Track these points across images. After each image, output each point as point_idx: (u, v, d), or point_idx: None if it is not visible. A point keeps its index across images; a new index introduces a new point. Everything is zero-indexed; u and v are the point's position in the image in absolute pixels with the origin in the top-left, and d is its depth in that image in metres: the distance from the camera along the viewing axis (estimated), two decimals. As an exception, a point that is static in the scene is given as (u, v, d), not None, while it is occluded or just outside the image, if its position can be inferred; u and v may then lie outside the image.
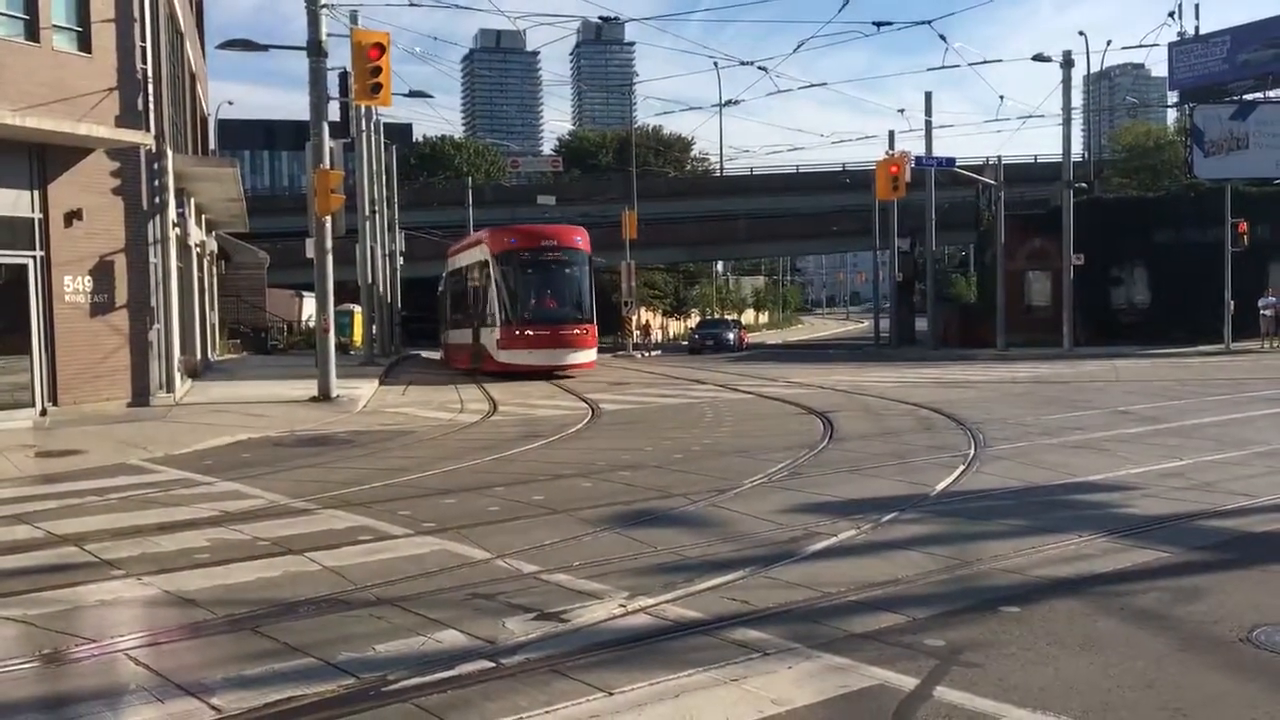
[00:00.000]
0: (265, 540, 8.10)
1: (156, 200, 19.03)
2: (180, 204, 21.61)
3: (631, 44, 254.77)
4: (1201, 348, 35.29)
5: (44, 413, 17.10)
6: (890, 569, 6.87)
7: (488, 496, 9.89)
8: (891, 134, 49.99)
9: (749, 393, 21.55)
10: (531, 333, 27.36)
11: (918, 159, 38.42)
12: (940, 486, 9.93)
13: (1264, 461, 11.03)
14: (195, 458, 13.28)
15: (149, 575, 7.05)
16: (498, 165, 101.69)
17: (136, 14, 18.19)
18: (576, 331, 28.07)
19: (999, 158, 44.75)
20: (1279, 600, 6.07)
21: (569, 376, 27.19)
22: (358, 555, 7.54)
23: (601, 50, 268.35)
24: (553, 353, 27.58)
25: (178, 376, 20.19)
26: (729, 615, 5.90)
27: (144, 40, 18.35)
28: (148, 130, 18.30)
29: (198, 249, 27.06)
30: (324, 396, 20.11)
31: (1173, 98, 58.42)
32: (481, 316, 29.00)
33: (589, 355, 28.70)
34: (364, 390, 22.31)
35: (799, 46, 43.53)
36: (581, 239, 29.07)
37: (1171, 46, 52.12)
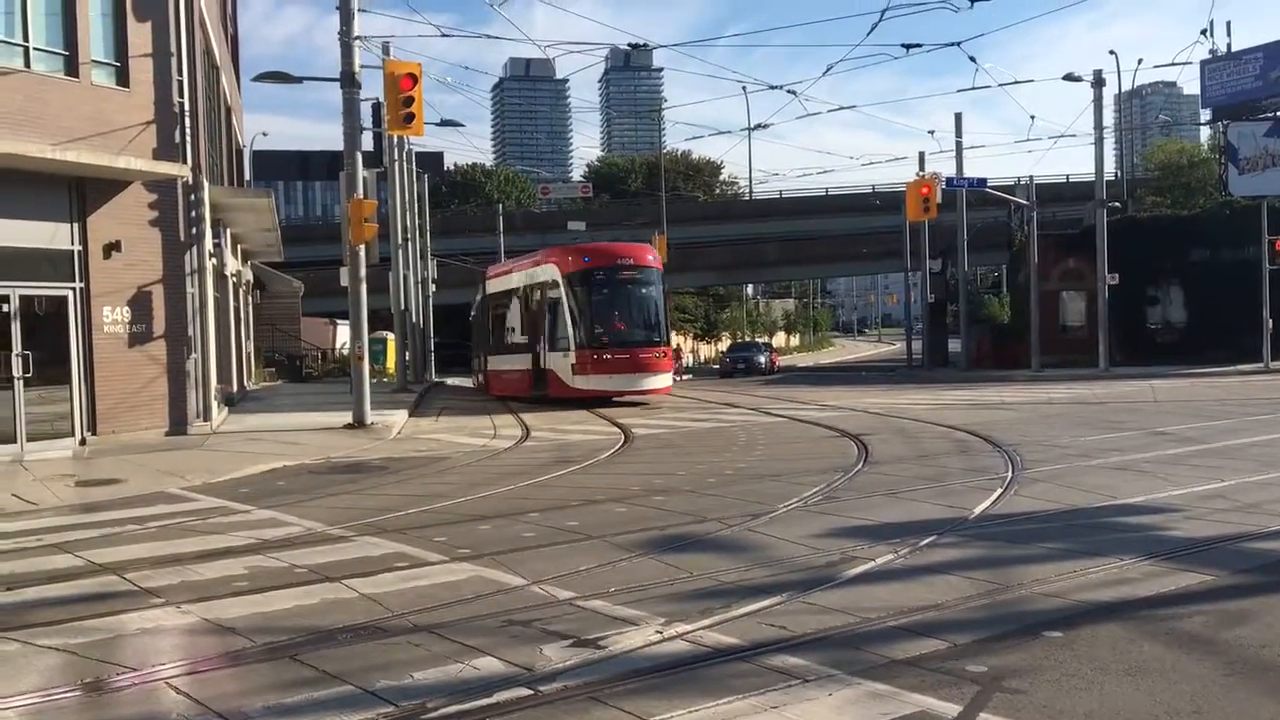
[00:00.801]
0: (302, 568, 8.13)
1: (193, 231, 19.27)
2: (216, 234, 21.85)
3: (660, 70, 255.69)
4: (1240, 367, 34.89)
5: (83, 442, 17.29)
6: (930, 594, 6.80)
7: (522, 522, 9.89)
8: (921, 155, 49.80)
9: (781, 416, 21.47)
10: (610, 357, 25.97)
11: (948, 180, 38.36)
12: (979, 510, 9.83)
13: (1308, 482, 10.86)
14: (232, 486, 13.37)
15: (188, 603, 7.09)
16: (528, 192, 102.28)
17: (173, 48, 18.49)
18: (655, 354, 26.84)
19: (1031, 178, 44.47)
20: (1328, 624, 5.96)
21: (643, 403, 26.25)
22: (394, 582, 7.55)
23: (630, 77, 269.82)
24: (632, 377, 26.28)
25: (214, 405, 20.36)
26: (768, 641, 5.85)
27: (180, 74, 18.64)
28: (184, 162, 18.55)
29: (234, 278, 27.36)
30: (358, 424, 20.21)
31: (1205, 115, 57.83)
32: (550, 341, 27.17)
33: (667, 379, 27.56)
34: (398, 417, 22.42)
35: (828, 70, 43.74)
36: (654, 257, 28.00)
37: (1204, 64, 51.63)
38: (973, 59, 29.60)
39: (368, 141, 21.85)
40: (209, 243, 20.16)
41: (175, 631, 6.55)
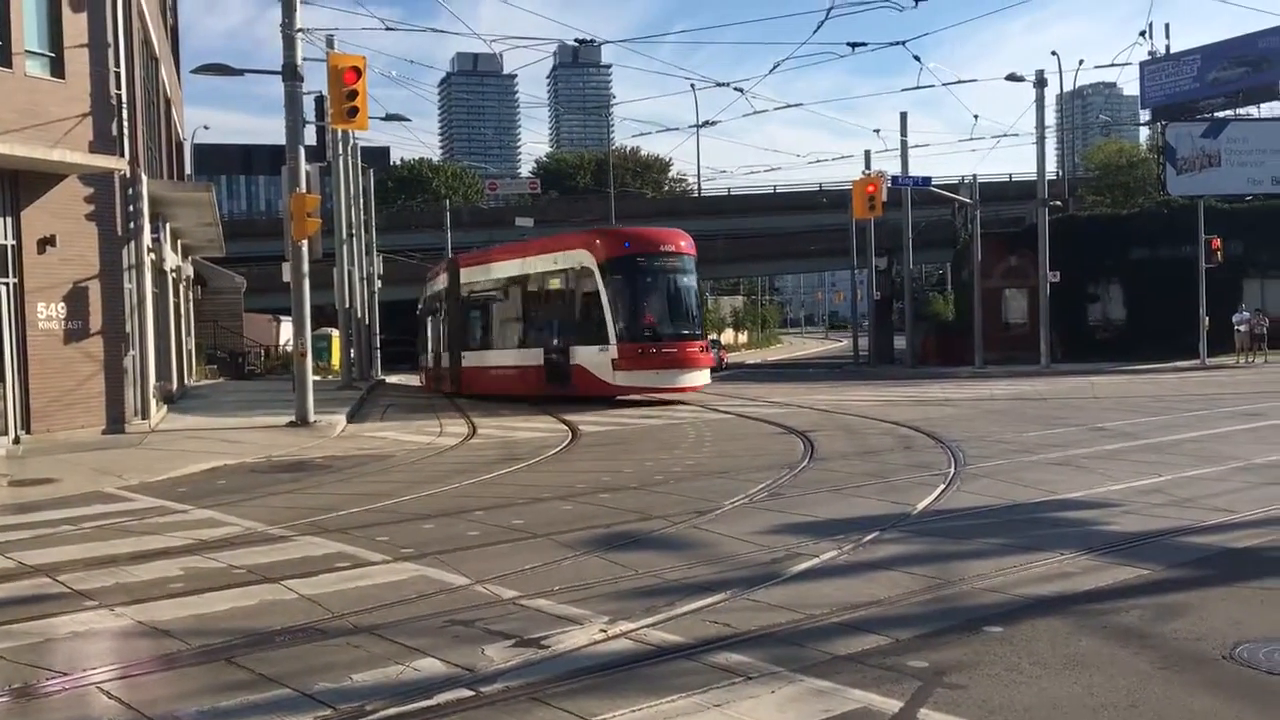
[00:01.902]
0: (240, 568, 7.99)
1: (131, 226, 18.92)
2: (155, 229, 21.47)
3: (608, 66, 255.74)
4: (1177, 363, 35.54)
5: (17, 440, 16.91)
6: (873, 590, 6.83)
7: (467, 521, 9.81)
8: (868, 154, 50.22)
9: (729, 413, 21.52)
10: (655, 351, 24.18)
11: (894, 178, 38.69)
12: (921, 505, 9.91)
13: (1241, 477, 11.08)
14: (170, 485, 13.14)
15: (122, 606, 6.94)
16: (475, 188, 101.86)
17: (110, 39, 18.12)
18: (698, 348, 25.16)
19: (974, 176, 44.97)
20: (1260, 617, 6.06)
21: (678, 401, 24.57)
22: (335, 583, 7.45)
23: (579, 73, 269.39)
24: (676, 373, 24.51)
25: (153, 403, 20.02)
26: (711, 639, 5.84)
27: (118, 66, 18.27)
28: (122, 155, 18.21)
29: (173, 274, 26.90)
30: (301, 421, 19.96)
31: (1145, 116, 58.93)
32: (579, 334, 24.95)
33: (706, 375, 25.82)
34: (342, 415, 22.17)
35: (775, 68, 43.92)
36: (688, 243, 25.87)
37: (1143, 65, 52.62)
38: (917, 58, 29.99)
39: (311, 136, 21.51)
40: (147, 237, 19.81)
41: (108, 634, 6.40)
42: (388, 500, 11.26)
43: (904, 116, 45.06)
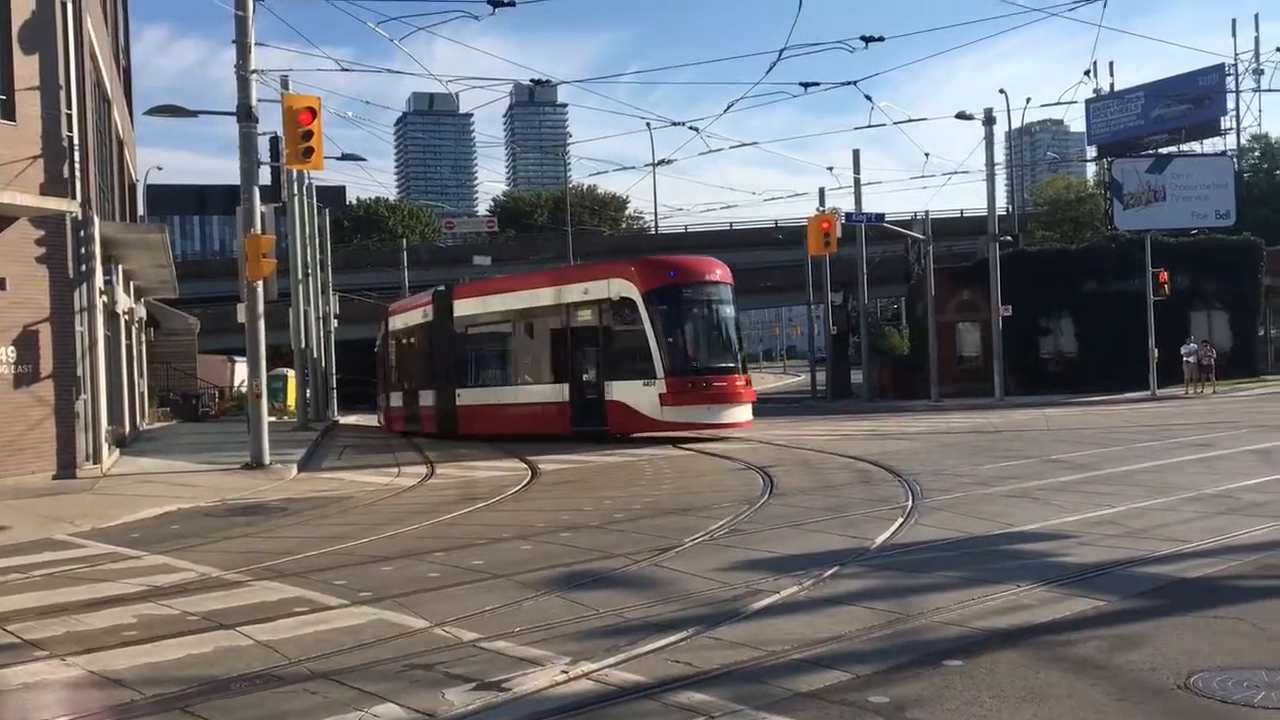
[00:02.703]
0: (195, 615, 7.88)
1: (83, 268, 18.70)
2: (108, 271, 21.23)
3: (564, 106, 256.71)
4: (1128, 395, 36.08)
5: (-36, 488, 16.57)
6: (833, 625, 6.86)
7: (426, 562, 9.73)
8: (822, 191, 50.79)
9: (688, 449, 21.54)
10: (706, 384, 23.16)
11: (848, 215, 39.14)
12: (880, 539, 9.97)
13: (1192, 507, 11.24)
14: (123, 531, 12.92)
15: (74, 655, 6.80)
16: (432, 226, 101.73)
17: (62, 81, 17.99)
18: (742, 383, 24.04)
19: (927, 212, 45.62)
20: (1214, 646, 6.15)
21: (721, 438, 23.32)
22: (292, 628, 7.35)
23: (535, 112, 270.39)
24: (726, 409, 23.46)
25: (105, 447, 19.71)
26: (673, 678, 5.83)
27: (70, 108, 18.12)
28: (73, 198, 18.02)
29: (126, 316, 26.59)
30: (256, 464, 19.73)
31: (1091, 152, 60.33)
32: (617, 368, 23.82)
33: (750, 411, 24.48)
34: (298, 456, 21.94)
35: (729, 107, 44.17)
36: (726, 271, 25.03)
37: (1089, 103, 53.89)
38: (869, 97, 30.40)
39: (266, 176, 21.40)
40: (99, 280, 19.57)
41: (59, 685, 6.28)
42: (345, 543, 11.15)
43: (857, 154, 45.74)
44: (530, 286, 27.51)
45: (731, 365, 24.18)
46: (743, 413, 23.89)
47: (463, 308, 29.10)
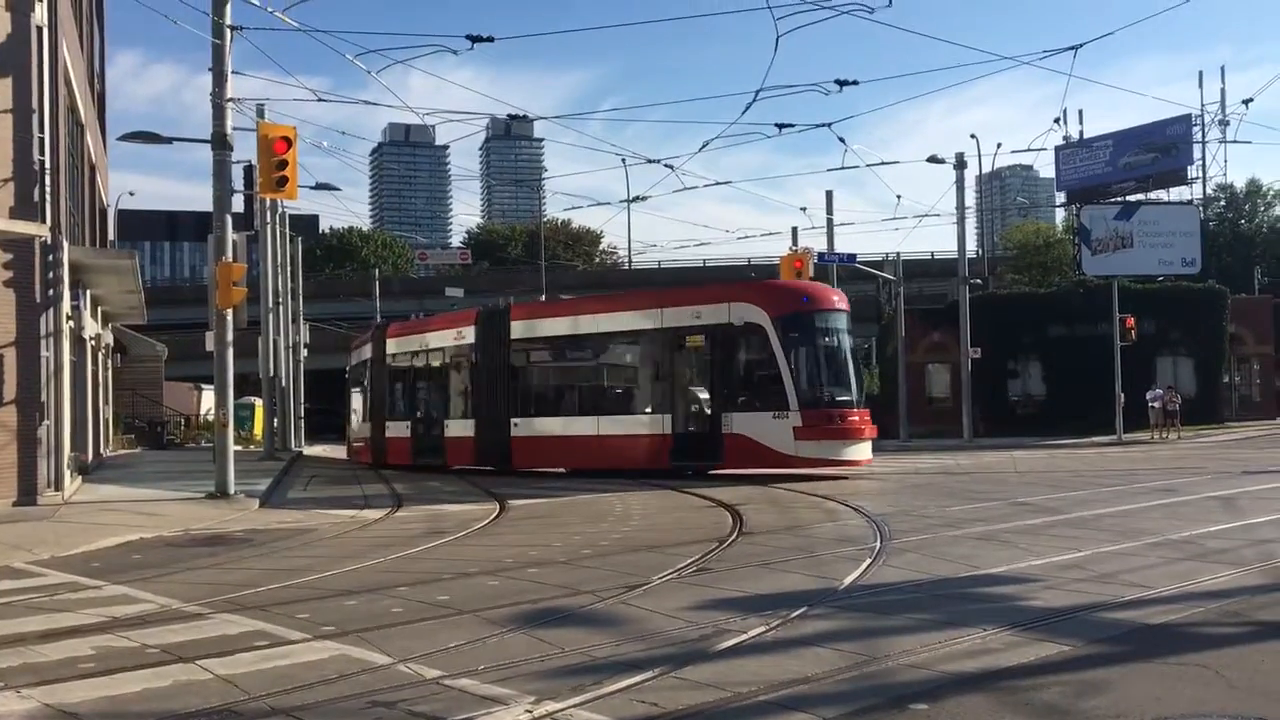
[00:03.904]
0: (154, 647, 7.75)
1: (50, 293, 18.53)
2: (76, 296, 21.06)
3: (541, 140, 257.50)
4: (1095, 438, 36.37)
5: (-79, 513, 16.29)
6: (800, 666, 6.83)
7: (391, 597, 9.63)
8: (795, 230, 51.25)
9: (658, 486, 21.49)
10: (841, 418, 22.12)
11: (820, 255, 39.45)
12: (848, 580, 9.96)
13: (1158, 552, 11.31)
14: (83, 560, 12.73)
15: (29, 687, 6.67)
16: (405, 257, 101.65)
17: (35, 105, 17.89)
18: (867, 417, 23.07)
19: (898, 254, 46.15)
20: (1178, 694, 6.17)
21: (838, 476, 22.01)
22: (253, 662, 7.25)
23: (511, 145, 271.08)
24: (856, 443, 22.42)
25: (67, 474, 19.46)
26: (638, 719, 5.79)
27: (42, 131, 18.02)
28: (43, 221, 17.87)
29: (92, 342, 26.35)
30: (221, 493, 19.53)
31: (1060, 198, 61.06)
32: (739, 399, 22.58)
33: (871, 448, 23.54)
34: (264, 486, 21.73)
35: (704, 146, 44.68)
36: (843, 299, 24.16)
37: (1058, 150, 54.55)
38: (842, 139, 30.43)
39: (239, 203, 21.38)
40: (67, 305, 19.41)
41: (13, 718, 6.15)
42: (309, 575, 11.02)
43: (829, 195, 46.30)
44: (616, 309, 25.88)
45: (857, 398, 23.28)
46: (867, 449, 23.02)
47: (524, 330, 26.69)
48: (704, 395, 23.19)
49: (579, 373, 26.33)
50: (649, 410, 24.06)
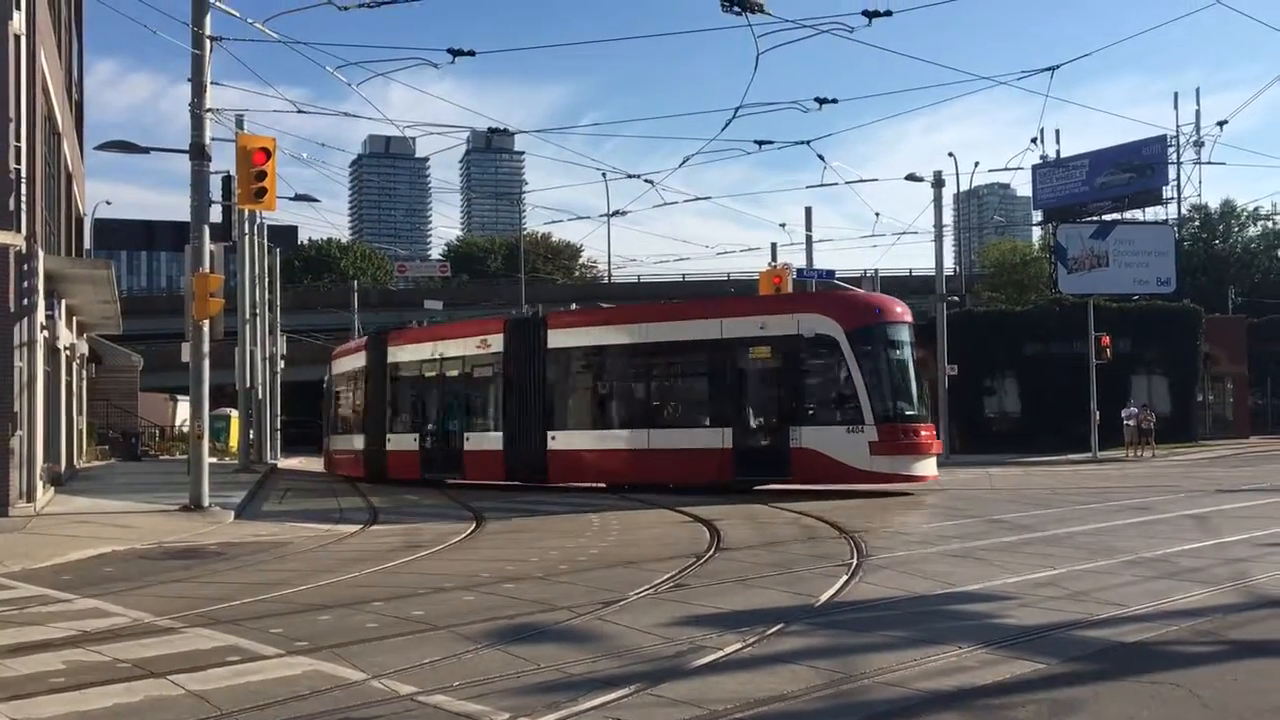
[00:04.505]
0: (126, 662, 7.68)
1: (25, 302, 18.36)
2: (50, 306, 20.89)
3: (521, 153, 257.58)
4: (1070, 456, 36.55)
5: (-111, 524, 16.09)
6: (776, 684, 6.83)
7: (365, 612, 9.57)
8: (774, 246, 51.33)
9: (636, 501, 21.47)
10: (915, 433, 21.92)
11: (799, 271, 39.53)
12: (825, 597, 9.96)
13: (1132, 570, 11.37)
14: (54, 572, 12.60)
15: (-4, 703, 6.60)
16: (384, 269, 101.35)
17: (12, 114, 17.76)
18: (932, 431, 22.98)
19: (876, 271, 46.29)
20: (1151, 712, 6.19)
21: (889, 493, 21.70)
22: (225, 678, 7.19)
23: (491, 158, 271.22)
24: (925, 458, 22.19)
25: (40, 485, 19.27)
26: (613, 737, 5.77)
27: (19, 140, 17.89)
28: (19, 231, 17.72)
29: (67, 352, 26.12)
30: (195, 506, 19.36)
31: (1037, 216, 61.49)
32: (809, 411, 22.17)
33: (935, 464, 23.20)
34: (238, 498, 21.58)
35: (684, 161, 44.81)
36: (909, 312, 23.93)
37: (1035, 169, 54.99)
38: (821, 157, 30.52)
39: (217, 213, 21.21)
40: (41, 315, 19.25)
41: (-21, 735, 6.08)
42: (283, 590, 10.95)
43: (809, 211, 46.30)
44: (670, 318, 25.08)
45: (924, 413, 23.13)
46: (933, 465, 22.80)
47: (563, 339, 25.46)
48: (769, 408, 22.92)
49: (626, 384, 25.29)
50: (707, 423, 23.33)
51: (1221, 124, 43.00)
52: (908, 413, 22.32)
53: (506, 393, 26.28)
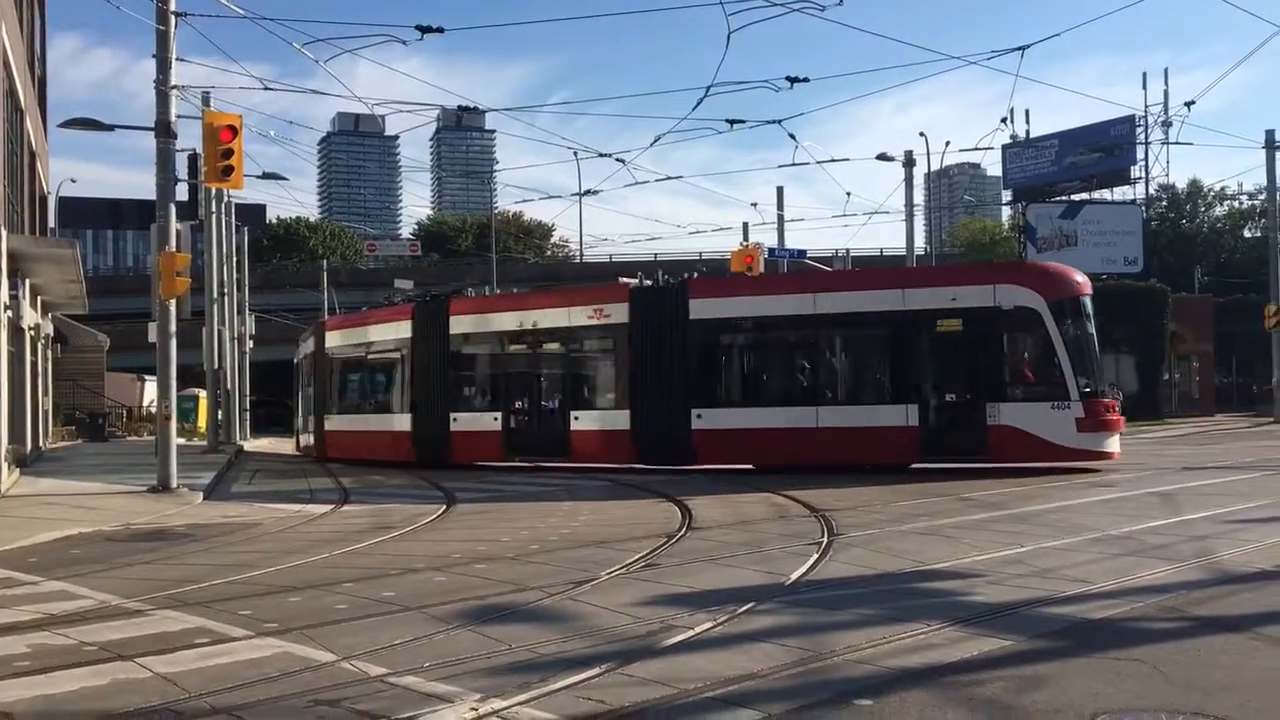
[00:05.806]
0: (93, 645, 7.62)
1: (-13, 281, 18.14)
2: (14, 286, 20.64)
3: (492, 131, 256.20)
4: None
5: None
6: (746, 662, 6.86)
7: (335, 594, 9.54)
8: (746, 226, 51.36)
9: (607, 480, 21.49)
10: (1113, 409, 21.21)
11: (770, 250, 39.65)
12: (795, 575, 10.01)
13: (1098, 548, 11.49)
14: (20, 555, 12.48)
15: (-40, 687, 6.54)
16: (354, 248, 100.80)
17: (-28, 89, 17.50)
18: (1117, 407, 21.85)
19: (848, 250, 46.49)
20: (1116, 688, 6.26)
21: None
22: (193, 660, 7.15)
23: (462, 137, 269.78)
24: (1117, 436, 21.50)
25: (4, 467, 19.07)
26: (584, 716, 5.78)
27: (-21, 116, 17.64)
28: (-20, 208, 17.50)
29: (31, 332, 25.82)
30: (163, 487, 19.24)
31: (1007, 196, 61.87)
32: (1008, 386, 21.20)
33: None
34: (207, 479, 21.44)
35: (656, 141, 44.78)
36: None
37: (1005, 149, 55.25)
38: (793, 136, 30.51)
39: (184, 191, 20.98)
40: (5, 295, 19.01)
41: (-57, 719, 6.02)
42: (252, 571, 10.89)
43: (780, 191, 46.50)
44: (845, 287, 23.50)
45: (1104, 388, 22.21)
46: (1119, 441, 21.96)
47: (709, 309, 23.37)
48: (961, 384, 21.71)
49: (791, 358, 23.49)
50: (888, 399, 21.90)
51: (1189, 104, 43.58)
52: (1100, 389, 21.68)
53: (632, 368, 23.96)
